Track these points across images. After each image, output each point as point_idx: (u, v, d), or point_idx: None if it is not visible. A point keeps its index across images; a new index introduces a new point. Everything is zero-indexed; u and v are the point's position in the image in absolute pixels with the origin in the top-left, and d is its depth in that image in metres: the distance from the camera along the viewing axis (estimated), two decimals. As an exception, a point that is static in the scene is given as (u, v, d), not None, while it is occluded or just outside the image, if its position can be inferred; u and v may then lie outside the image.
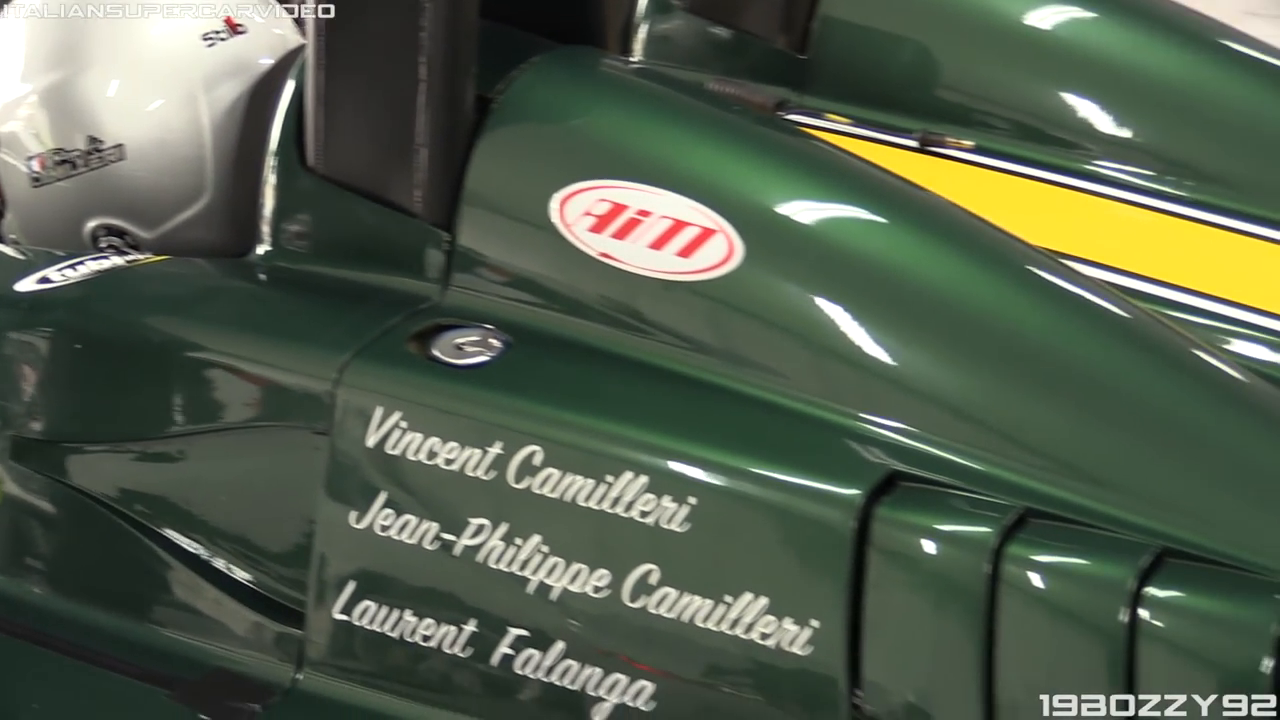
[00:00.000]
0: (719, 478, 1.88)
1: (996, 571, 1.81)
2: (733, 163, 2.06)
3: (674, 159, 2.02)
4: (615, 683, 1.92)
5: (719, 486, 1.88)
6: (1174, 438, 1.93)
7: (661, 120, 2.11)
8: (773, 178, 2.07)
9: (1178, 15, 2.51)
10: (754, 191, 2.03)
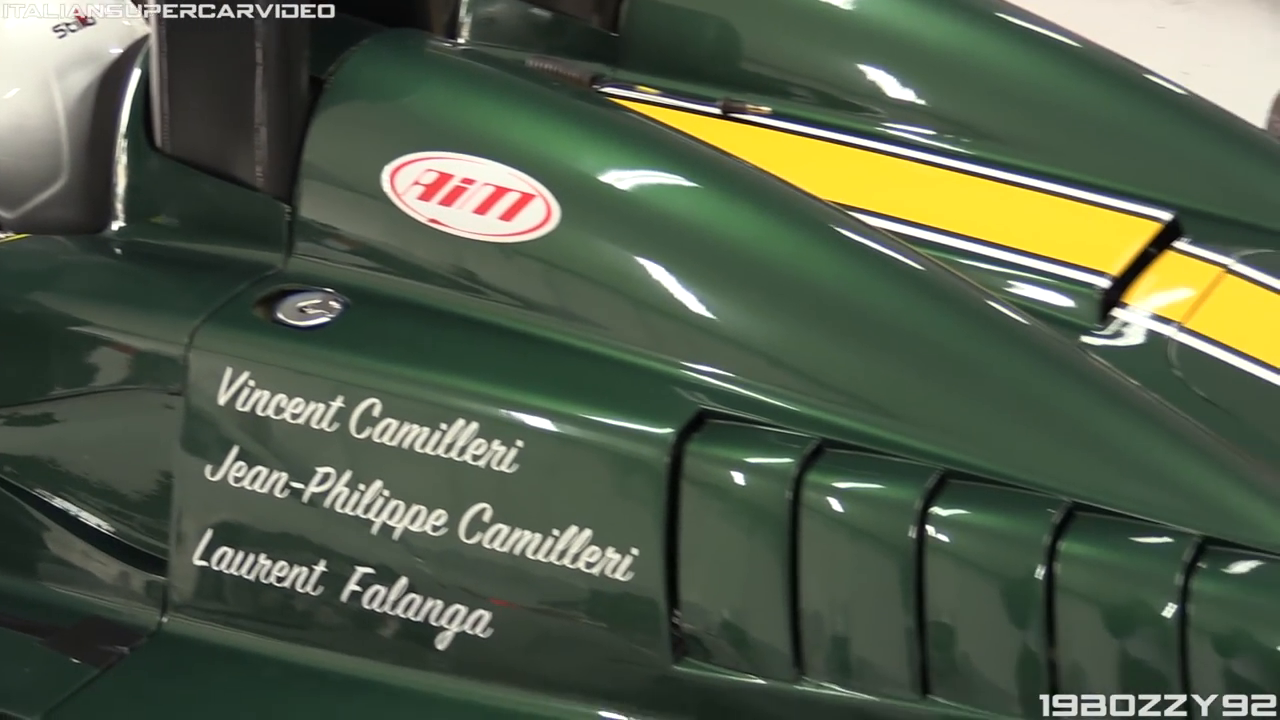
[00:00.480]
0: (544, 422, 1.87)
1: (797, 497, 1.81)
2: (549, 132, 2.05)
3: (494, 130, 2.01)
4: (456, 613, 1.90)
5: (544, 430, 1.87)
6: (955, 372, 1.94)
7: (482, 95, 2.10)
8: (587, 145, 2.06)
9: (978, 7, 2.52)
10: (569, 158, 2.01)
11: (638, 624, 1.84)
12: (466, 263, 1.95)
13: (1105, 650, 1.79)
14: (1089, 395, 1.92)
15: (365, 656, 1.92)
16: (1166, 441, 1.89)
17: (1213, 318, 2.06)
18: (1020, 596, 1.78)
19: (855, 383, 1.90)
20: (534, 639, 1.88)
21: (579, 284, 1.94)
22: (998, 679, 1.81)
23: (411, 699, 1.89)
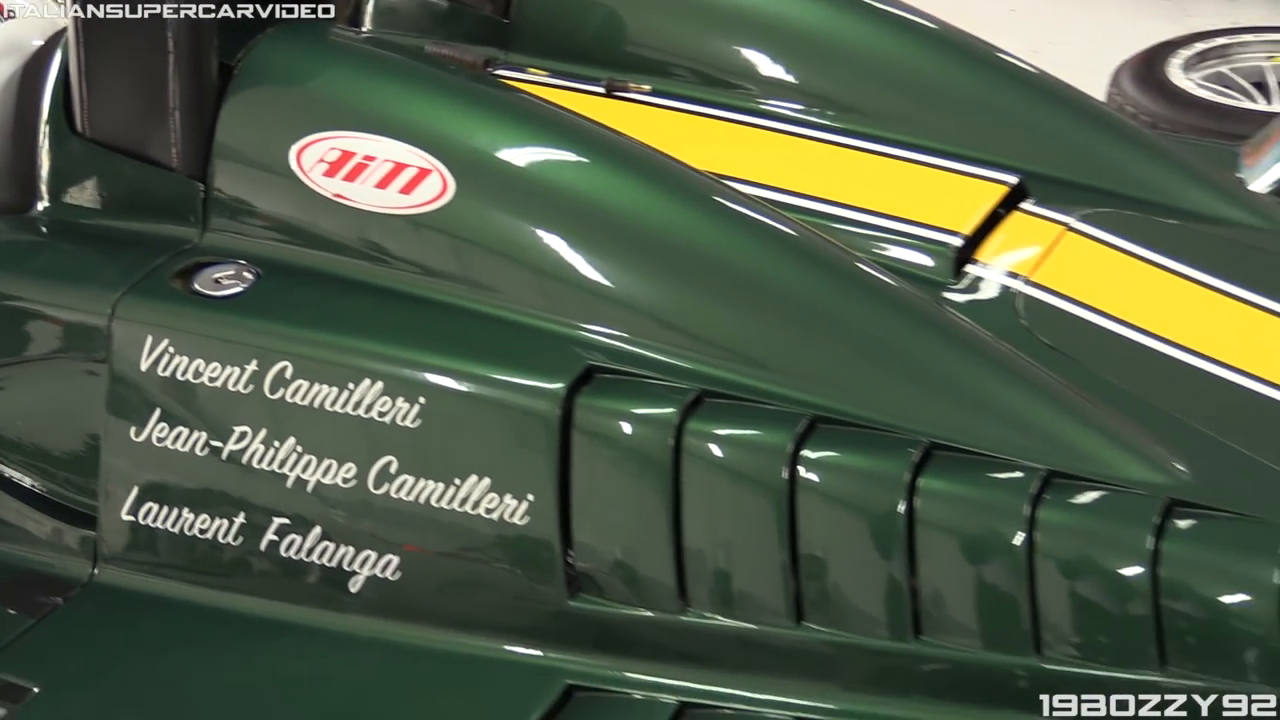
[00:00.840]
0: (444, 380, 1.88)
1: (679, 444, 1.82)
2: (445, 112, 2.05)
3: (394, 110, 2.01)
4: (367, 558, 1.91)
5: (444, 387, 1.88)
6: (823, 326, 1.95)
7: (382, 78, 2.10)
8: (480, 124, 2.06)
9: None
10: (463, 135, 2.02)
11: (535, 564, 1.85)
12: (370, 234, 1.95)
13: (962, 576, 1.81)
14: (945, 344, 1.95)
15: (285, 600, 1.91)
16: (1016, 385, 1.91)
17: (1055, 272, 2.09)
18: (884, 529, 1.80)
19: (732, 338, 1.91)
20: (440, 581, 1.89)
21: (475, 251, 1.94)
22: (865, 605, 1.82)
23: (328, 639, 1.89)
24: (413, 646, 1.89)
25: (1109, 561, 1.77)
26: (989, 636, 1.81)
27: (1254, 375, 2.00)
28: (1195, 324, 2.07)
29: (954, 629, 1.82)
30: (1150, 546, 1.75)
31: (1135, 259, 2.16)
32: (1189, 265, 2.16)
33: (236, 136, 1.99)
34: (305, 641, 1.90)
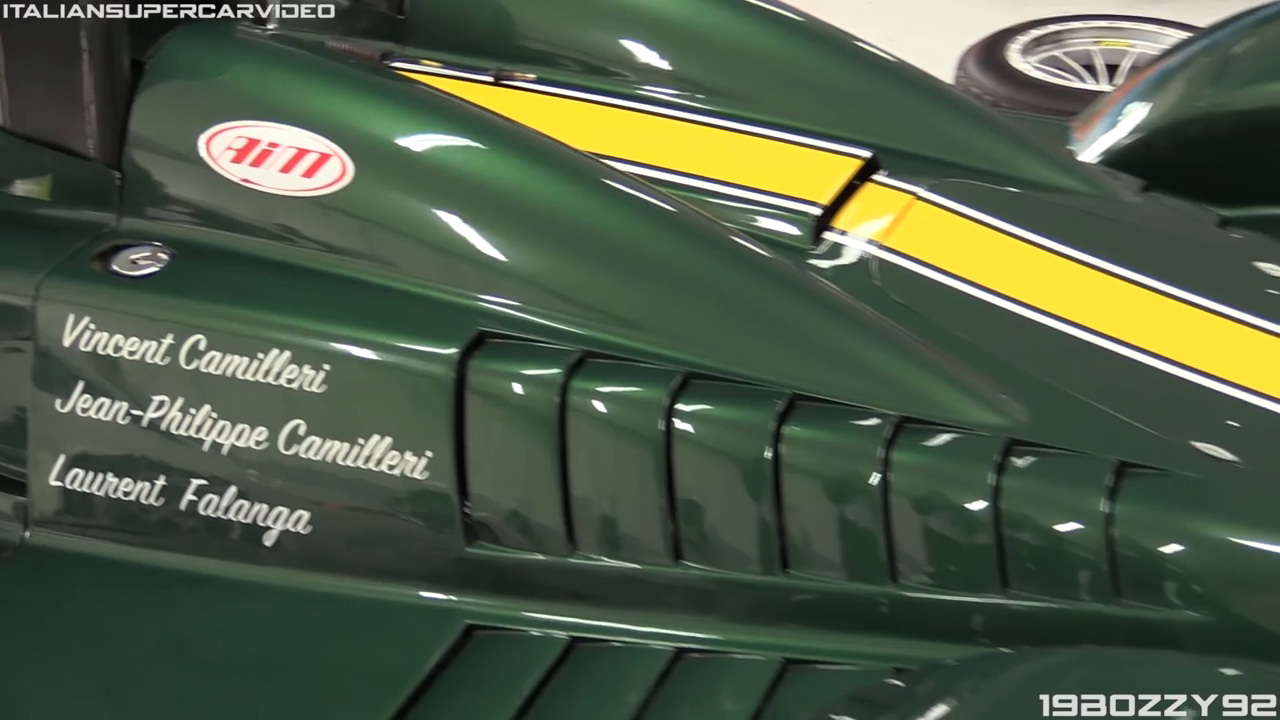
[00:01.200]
0: (347, 347, 1.89)
1: (564, 401, 1.85)
2: (343, 101, 2.05)
3: (295, 100, 2.02)
4: (280, 514, 1.92)
5: (347, 354, 1.89)
6: (695, 290, 1.98)
7: (284, 70, 2.10)
8: (377, 111, 2.06)
9: None
10: (361, 122, 2.02)
11: (434, 515, 1.86)
12: (275, 215, 1.95)
13: (824, 515, 1.84)
14: (806, 304, 1.97)
15: (206, 556, 1.92)
16: (870, 340, 1.94)
17: (906, 237, 2.11)
18: (753, 474, 1.82)
19: (612, 304, 1.92)
20: (347, 532, 1.90)
21: (374, 230, 1.95)
22: (737, 544, 1.85)
23: (245, 589, 1.89)
24: (324, 594, 1.89)
25: (955, 497, 1.80)
26: (850, 568, 1.84)
27: (1083, 326, 2.04)
28: (1031, 282, 2.11)
29: (819, 562, 1.84)
30: (992, 482, 1.78)
31: (978, 224, 2.19)
32: (1026, 229, 2.20)
33: (149, 127, 1.98)
34: (226, 592, 1.90)
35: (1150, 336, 2.05)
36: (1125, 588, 1.79)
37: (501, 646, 1.85)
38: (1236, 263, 2.24)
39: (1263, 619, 1.78)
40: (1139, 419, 1.90)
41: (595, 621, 1.88)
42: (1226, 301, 2.12)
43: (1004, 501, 1.80)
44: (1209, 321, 2.10)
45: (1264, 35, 2.60)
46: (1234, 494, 1.84)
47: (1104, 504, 1.78)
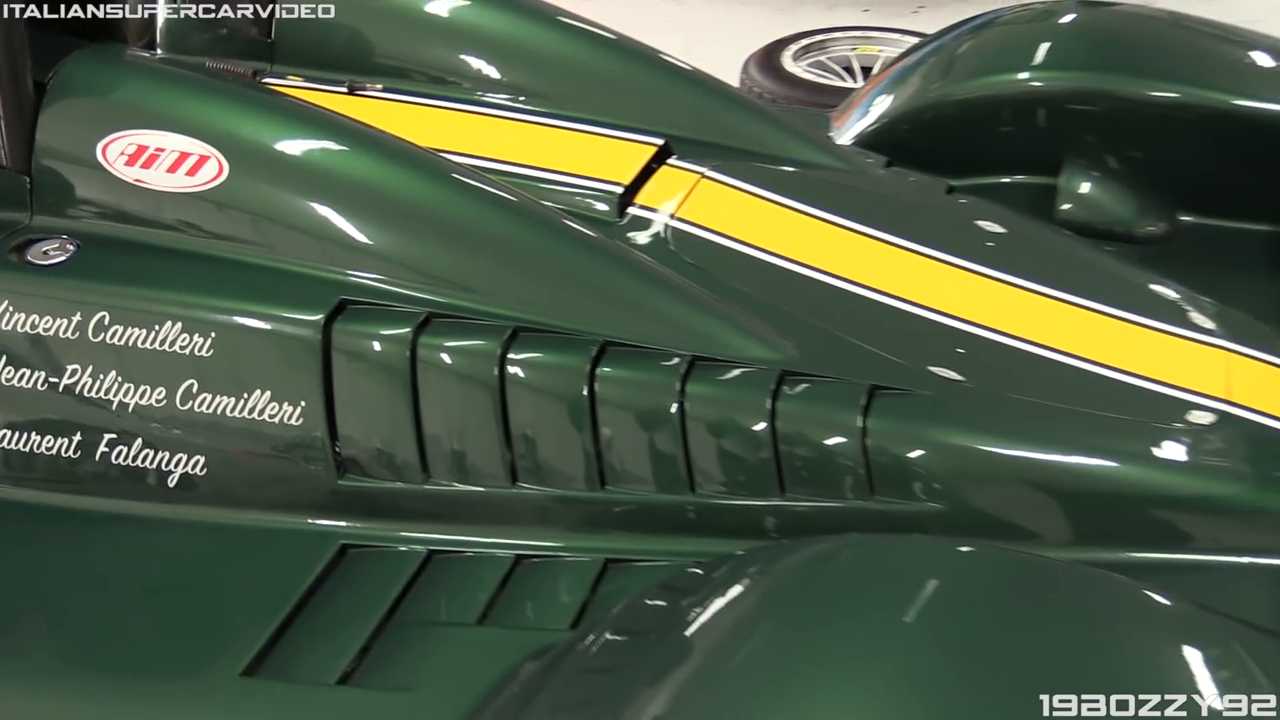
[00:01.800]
0: (230, 317, 1.93)
1: (414, 354, 1.90)
2: (218, 110, 2.08)
3: (177, 111, 2.05)
4: (180, 459, 1.96)
5: (231, 323, 1.93)
6: (520, 258, 2.02)
7: (167, 86, 2.12)
8: (247, 118, 2.09)
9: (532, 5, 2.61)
10: (234, 128, 2.05)
11: (310, 455, 1.91)
12: (164, 209, 1.98)
13: (634, 440, 1.91)
14: (613, 266, 2.03)
15: (118, 497, 1.95)
16: (667, 294, 2.01)
17: (695, 209, 2.17)
18: (573, 409, 1.89)
19: (452, 272, 1.97)
20: (238, 472, 1.94)
21: (250, 218, 1.98)
22: (564, 467, 1.92)
23: (155, 524, 1.93)
24: (221, 524, 1.93)
25: (740, 420, 1.88)
26: (658, 482, 1.91)
27: (839, 276, 2.11)
28: (797, 242, 2.17)
29: (631, 479, 1.92)
30: (769, 407, 1.86)
31: (753, 197, 2.24)
32: (793, 199, 2.26)
33: (52, 138, 2.00)
34: (138, 527, 1.93)
35: (893, 282, 2.12)
36: (879, 487, 1.87)
37: (371, 561, 1.90)
38: (960, 221, 2.33)
39: (990, 507, 1.87)
40: (886, 350, 1.98)
41: (449, 536, 1.93)
42: (952, 252, 2.21)
43: (779, 422, 1.87)
44: (938, 269, 2.18)
45: (980, 38, 2.68)
46: (963, 407, 1.92)
47: (859, 420, 1.86)
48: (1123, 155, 2.56)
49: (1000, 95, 2.62)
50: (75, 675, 1.74)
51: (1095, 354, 2.04)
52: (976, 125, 2.61)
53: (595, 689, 1.50)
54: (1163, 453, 1.87)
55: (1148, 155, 2.55)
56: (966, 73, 2.65)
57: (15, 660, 1.76)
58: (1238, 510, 1.85)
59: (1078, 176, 2.58)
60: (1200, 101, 2.53)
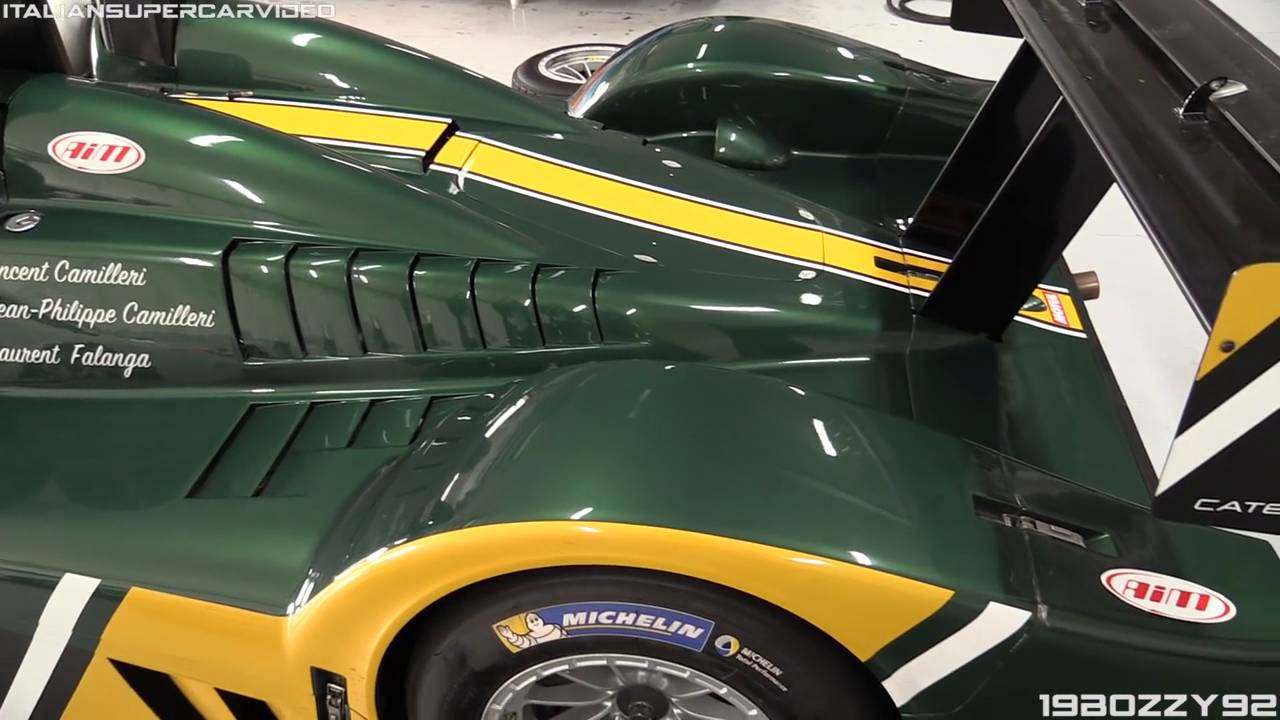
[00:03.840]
0: (157, 258, 1.86)
1: (287, 272, 1.86)
2: (135, 115, 1.98)
3: (105, 117, 1.95)
4: (130, 357, 1.89)
5: (157, 261, 1.86)
6: (357, 202, 1.92)
7: (98, 100, 2.02)
8: (157, 119, 1.97)
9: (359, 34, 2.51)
10: (148, 125, 1.95)
11: (223, 346, 1.86)
12: (101, 188, 1.89)
13: (443, 318, 1.89)
14: (421, 203, 1.98)
15: (90, 388, 1.87)
16: (459, 220, 1.96)
17: (477, 164, 2.15)
18: (400, 302, 1.87)
19: (309, 215, 1.90)
20: (173, 362, 1.87)
21: (163, 190, 1.90)
22: (397, 340, 1.88)
23: (115, 404, 1.85)
24: (165, 399, 1.86)
25: (513, 299, 1.89)
26: (463, 344, 1.90)
27: (576, 201, 2.11)
28: (547, 180, 2.15)
29: (444, 344, 1.91)
30: (530, 289, 1.88)
31: (516, 154, 2.23)
32: (543, 154, 2.24)
33: (17, 141, 1.90)
34: (106, 406, 1.85)
35: (609, 202, 2.14)
36: (607, 336, 1.91)
37: (272, 414, 1.86)
38: (652, 161, 2.35)
39: (681, 341, 1.91)
40: (605, 246, 2.01)
41: (325, 392, 1.89)
42: (647, 181, 2.23)
43: (538, 298, 1.90)
44: (639, 192, 2.20)
45: (663, 42, 2.73)
46: (659, 280, 1.97)
47: (590, 293, 1.90)
48: (756, 115, 2.63)
49: (677, 79, 2.64)
50: (69, 509, 1.67)
51: (743, 240, 2.12)
52: (661, 100, 2.63)
53: (426, 478, 1.51)
54: (787, 297, 1.93)
55: (772, 114, 2.63)
56: (654, 65, 2.67)
57: (24, 503, 1.69)
58: (834, 330, 1.93)
59: (728, 130, 2.64)
60: (805, 78, 2.62)
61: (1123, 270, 2.88)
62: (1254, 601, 1.24)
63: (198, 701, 1.67)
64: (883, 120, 2.57)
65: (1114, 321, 2.89)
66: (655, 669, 1.42)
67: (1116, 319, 3.02)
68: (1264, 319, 0.99)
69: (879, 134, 2.58)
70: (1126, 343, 2.95)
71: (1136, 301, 3.17)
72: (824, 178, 2.52)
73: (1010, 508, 1.36)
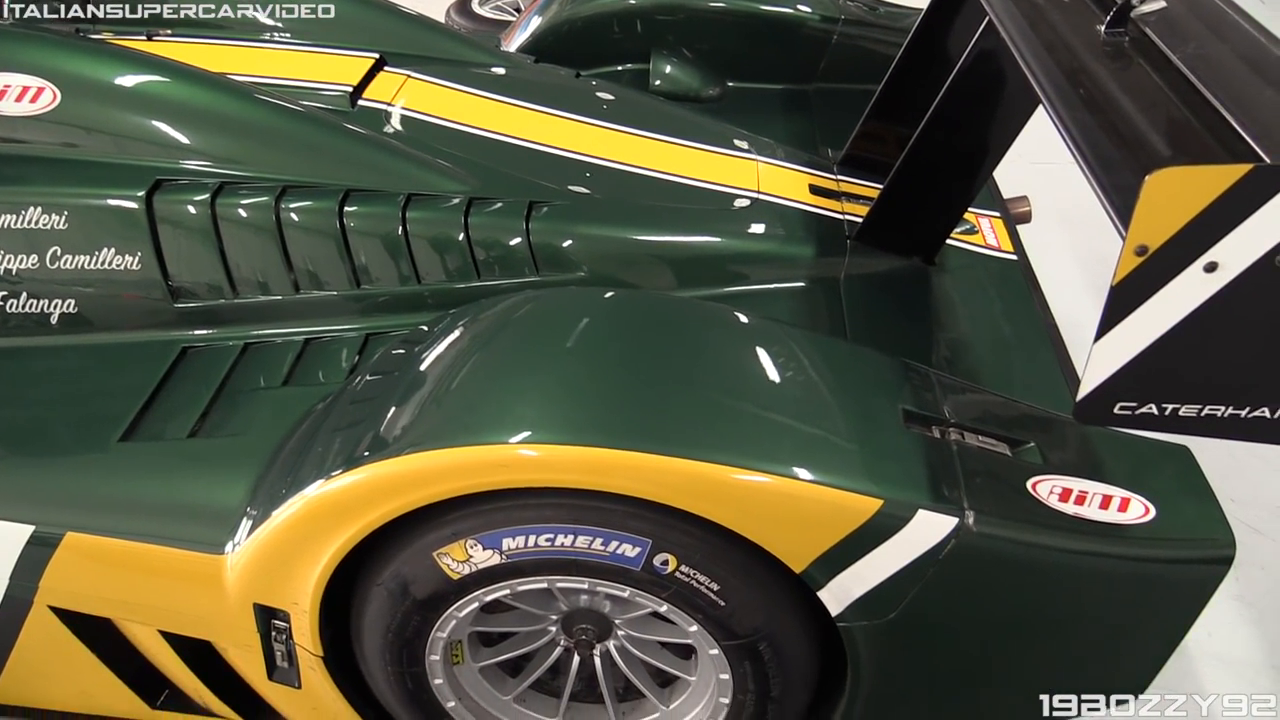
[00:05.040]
0: (78, 200, 1.81)
1: (213, 211, 1.82)
2: (50, 54, 1.90)
3: (19, 57, 1.87)
4: (56, 303, 1.84)
5: (78, 204, 1.81)
6: (284, 139, 1.88)
7: (9, 40, 1.92)
8: (72, 59, 1.90)
9: None
10: (62, 66, 1.88)
11: (151, 289, 1.83)
12: (17, 130, 1.83)
13: (377, 253, 1.87)
14: (350, 139, 1.92)
15: (17, 336, 1.82)
16: (390, 154, 1.93)
17: (406, 98, 2.11)
18: (331, 237, 1.85)
19: (236, 154, 1.86)
20: (101, 306, 1.83)
21: (81, 130, 1.85)
22: (330, 277, 1.86)
23: (46, 350, 1.81)
24: (94, 344, 1.83)
25: (446, 233, 1.87)
26: (398, 280, 1.88)
27: (506, 134, 2.08)
28: (478, 114, 2.12)
29: (378, 280, 1.89)
30: (463, 222, 1.86)
31: (446, 88, 2.19)
32: (473, 88, 2.21)
33: None
34: (35, 354, 1.81)
35: (541, 134, 2.10)
36: (542, 268, 1.90)
37: (205, 355, 1.84)
38: (585, 94, 2.31)
39: (616, 271, 1.91)
40: (538, 178, 1.99)
41: (258, 332, 1.85)
42: (579, 113, 2.20)
43: (472, 232, 1.88)
44: (571, 124, 2.17)
45: None
46: (592, 210, 1.96)
47: (524, 225, 1.88)
48: (691, 46, 2.63)
49: (610, 12, 2.62)
50: (4, 458, 1.64)
51: (677, 170, 2.11)
52: (595, 33, 2.62)
53: (361, 412, 1.49)
54: (723, 226, 1.94)
55: (707, 45, 2.63)
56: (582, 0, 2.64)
57: None
58: (770, 257, 1.95)
59: (662, 62, 2.63)
60: (740, 9, 2.61)
61: (1056, 199, 2.95)
62: (1173, 503, 1.28)
63: (141, 644, 1.66)
64: (817, 50, 2.57)
65: (1048, 247, 2.96)
66: (596, 590, 1.44)
67: (1050, 245, 3.09)
68: (1176, 222, 1.02)
69: (814, 64, 2.58)
70: (1059, 268, 3.00)
71: (1070, 229, 3.23)
72: (759, 108, 2.52)
73: (939, 420, 1.39)
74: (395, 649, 1.51)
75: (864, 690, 1.35)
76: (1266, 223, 0.95)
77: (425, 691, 1.52)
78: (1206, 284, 1.00)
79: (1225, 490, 1.28)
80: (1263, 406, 1.05)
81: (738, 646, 1.36)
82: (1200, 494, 1.28)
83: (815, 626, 1.34)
